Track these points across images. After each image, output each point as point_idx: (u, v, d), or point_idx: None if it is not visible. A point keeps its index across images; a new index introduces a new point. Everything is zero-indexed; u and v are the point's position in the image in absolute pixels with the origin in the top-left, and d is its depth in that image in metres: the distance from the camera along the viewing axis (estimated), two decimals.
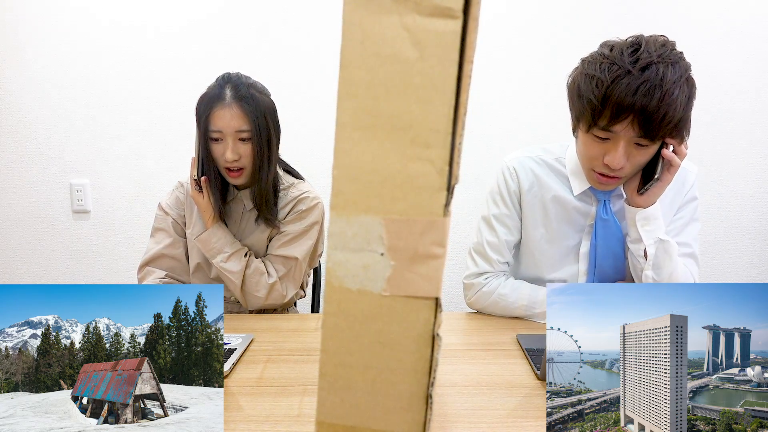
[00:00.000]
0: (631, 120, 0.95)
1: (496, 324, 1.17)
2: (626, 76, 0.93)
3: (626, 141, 0.98)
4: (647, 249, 1.08)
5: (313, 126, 2.01)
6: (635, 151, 1.00)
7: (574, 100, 1.04)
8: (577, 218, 1.18)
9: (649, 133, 0.95)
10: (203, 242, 1.27)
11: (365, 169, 0.50)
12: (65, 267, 2.11)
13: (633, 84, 0.92)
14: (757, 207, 2.12)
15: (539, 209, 1.20)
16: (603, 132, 0.99)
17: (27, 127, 2.01)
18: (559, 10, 1.99)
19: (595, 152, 1.03)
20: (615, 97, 0.94)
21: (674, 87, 0.92)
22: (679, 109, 0.94)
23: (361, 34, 0.48)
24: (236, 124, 1.19)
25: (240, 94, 1.19)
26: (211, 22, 1.96)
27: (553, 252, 1.21)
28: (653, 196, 1.07)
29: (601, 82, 0.95)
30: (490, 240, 1.23)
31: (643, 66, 0.93)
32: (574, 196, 1.17)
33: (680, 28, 2.00)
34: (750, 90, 2.04)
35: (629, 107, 0.93)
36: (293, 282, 1.32)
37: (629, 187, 1.09)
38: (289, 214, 1.32)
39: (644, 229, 1.07)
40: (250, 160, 1.23)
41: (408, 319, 0.53)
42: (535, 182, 1.19)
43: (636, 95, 0.92)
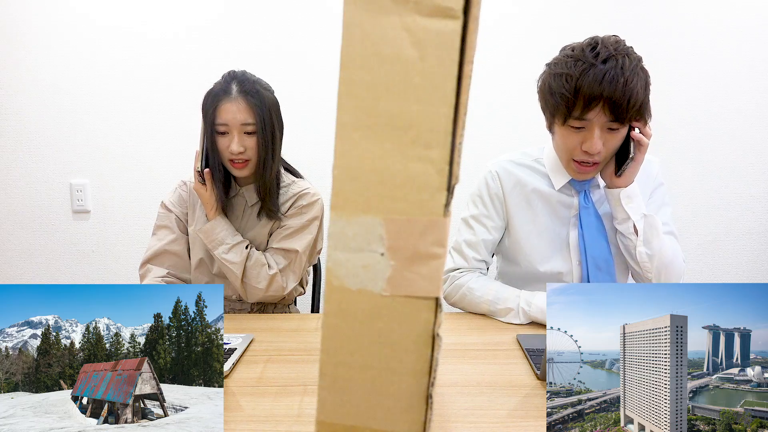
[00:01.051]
0: (601, 106, 1.06)
1: (496, 324, 1.17)
2: (591, 68, 1.05)
3: (600, 126, 1.09)
4: (636, 224, 1.16)
5: (313, 126, 2.02)
6: (608, 135, 1.11)
7: (547, 98, 1.14)
8: (561, 210, 1.25)
9: (618, 117, 1.06)
10: (206, 233, 1.28)
11: (365, 169, 0.50)
12: (65, 267, 2.11)
13: (598, 74, 1.04)
14: (757, 207, 2.12)
15: (525, 207, 1.26)
16: (578, 121, 1.10)
17: (27, 127, 2.01)
18: (559, 10, 1.99)
19: (573, 142, 1.13)
20: (585, 87, 1.05)
21: (633, 74, 1.05)
22: (641, 93, 1.07)
23: (361, 34, 0.48)
24: (242, 117, 1.22)
25: (245, 89, 1.23)
26: (211, 23, 1.97)
27: (543, 245, 1.26)
28: (630, 176, 1.16)
29: (571, 77, 1.07)
30: (468, 238, 1.29)
31: (604, 59, 1.05)
32: (556, 191, 1.24)
33: (680, 28, 2.00)
34: (750, 90, 2.04)
35: (599, 95, 1.05)
36: (293, 274, 1.33)
37: (606, 172, 1.19)
38: (290, 209, 1.34)
39: (629, 206, 1.16)
40: (254, 152, 1.26)
41: (408, 319, 0.53)
42: (517, 183, 1.27)
43: (603, 83, 1.04)
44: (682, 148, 2.06)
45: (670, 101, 2.04)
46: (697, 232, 2.13)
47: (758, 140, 2.07)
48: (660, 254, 1.16)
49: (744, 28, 2.01)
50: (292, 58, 1.99)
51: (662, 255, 1.17)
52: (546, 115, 1.19)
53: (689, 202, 2.10)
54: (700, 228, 2.13)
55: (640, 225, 1.16)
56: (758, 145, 2.08)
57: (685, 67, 2.02)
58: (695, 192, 2.11)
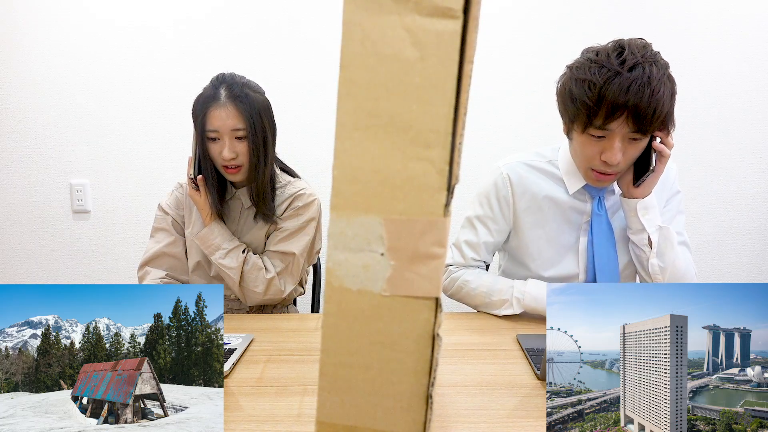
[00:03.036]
0: (625, 117, 1.01)
1: (496, 324, 1.17)
2: (617, 76, 0.99)
3: (621, 137, 1.04)
4: (651, 237, 1.13)
5: (313, 126, 2.02)
6: (629, 146, 1.06)
7: (567, 104, 1.08)
8: (573, 216, 1.22)
9: (642, 128, 1.02)
10: (202, 239, 1.28)
11: (365, 169, 0.50)
12: (65, 267, 2.11)
13: (624, 83, 0.98)
14: (757, 207, 2.12)
15: (535, 211, 1.23)
16: (599, 131, 1.05)
17: (27, 127, 2.01)
18: (559, 10, 1.99)
19: (593, 151, 1.08)
20: (609, 96, 0.99)
21: (660, 83, 1.00)
22: (667, 104, 1.01)
23: (361, 34, 0.48)
24: (232, 123, 1.21)
25: (234, 93, 1.21)
26: (211, 23, 1.97)
27: (551, 251, 1.23)
28: (649, 187, 1.13)
29: (594, 84, 1.01)
30: (469, 239, 1.28)
31: (631, 66, 0.99)
32: (570, 195, 1.21)
33: (680, 28, 2.00)
34: (750, 90, 2.04)
35: (623, 105, 0.99)
36: (291, 277, 1.33)
37: (624, 181, 1.15)
38: (286, 211, 1.34)
39: (645, 218, 1.13)
40: (246, 157, 1.25)
41: (408, 319, 0.53)
42: (528, 187, 1.22)
43: (628, 93, 0.98)
44: (682, 148, 2.06)
45: None
46: (697, 232, 2.13)
47: (758, 140, 2.07)
48: (673, 267, 1.13)
49: (744, 28, 2.00)
50: (293, 58, 1.99)
51: (675, 268, 1.13)
52: (564, 119, 1.13)
53: (690, 203, 2.10)
54: (700, 228, 2.13)
55: (655, 237, 1.13)
56: (758, 145, 2.08)
57: (685, 67, 2.02)
58: (695, 192, 2.11)
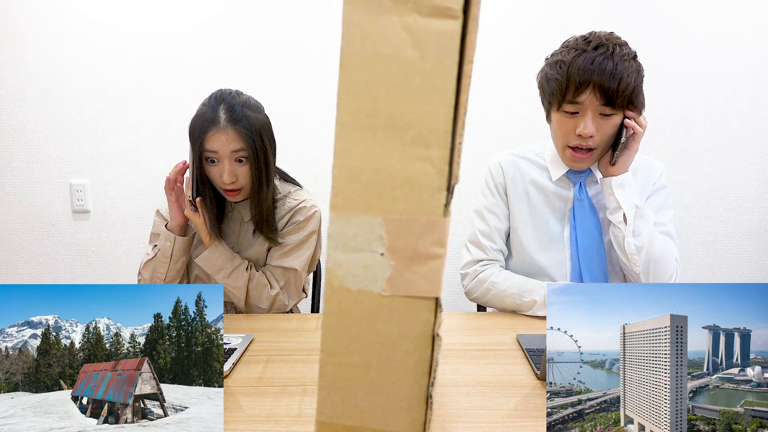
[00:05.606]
0: (592, 88, 1.11)
1: (496, 324, 1.17)
2: (582, 53, 1.12)
3: (592, 110, 1.14)
4: (626, 213, 1.17)
5: (312, 126, 2.01)
6: (602, 121, 1.15)
7: (544, 87, 1.21)
8: (556, 203, 1.28)
9: (610, 101, 1.11)
10: (204, 261, 1.26)
11: (365, 169, 0.50)
12: (65, 267, 2.11)
13: (589, 58, 1.11)
14: (757, 207, 2.12)
15: (523, 197, 1.30)
16: (571, 105, 1.14)
17: (27, 127, 2.01)
18: (560, 9, 1.99)
19: (568, 127, 1.17)
20: (576, 70, 1.11)
21: (622, 60, 1.11)
22: (632, 77, 1.11)
23: (361, 34, 0.48)
24: (232, 146, 1.18)
25: (234, 116, 1.17)
26: (211, 23, 1.96)
27: (539, 236, 1.28)
28: (624, 164, 1.19)
29: (564, 63, 1.14)
30: (482, 228, 1.32)
31: (596, 45, 1.12)
32: (553, 182, 1.28)
33: (680, 28, 2.00)
34: (749, 90, 2.04)
35: (589, 77, 1.10)
36: (294, 291, 1.33)
37: (602, 163, 1.23)
38: (287, 225, 1.32)
39: (621, 194, 1.18)
40: (247, 179, 1.23)
41: (408, 319, 0.53)
42: (517, 173, 1.31)
43: (593, 65, 1.10)
44: (682, 148, 2.06)
45: (669, 102, 2.03)
46: (697, 232, 2.13)
47: (758, 140, 2.07)
48: (649, 247, 1.16)
49: (744, 28, 2.00)
50: (292, 58, 1.99)
51: (651, 248, 1.16)
52: (544, 105, 1.24)
53: (690, 203, 2.10)
54: (700, 228, 2.13)
55: (630, 214, 1.16)
56: (758, 145, 2.08)
57: (685, 67, 2.02)
58: (695, 192, 2.10)
